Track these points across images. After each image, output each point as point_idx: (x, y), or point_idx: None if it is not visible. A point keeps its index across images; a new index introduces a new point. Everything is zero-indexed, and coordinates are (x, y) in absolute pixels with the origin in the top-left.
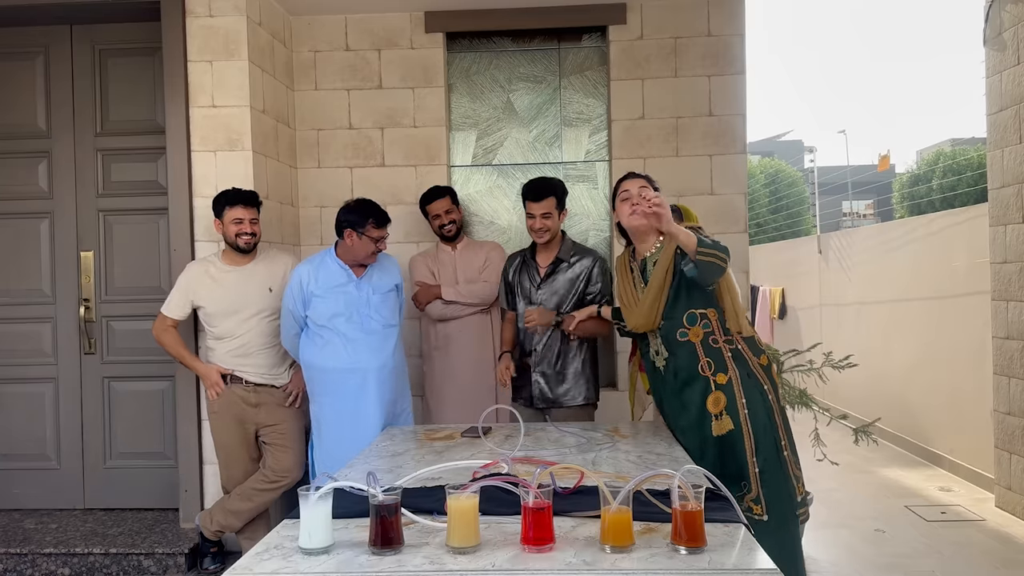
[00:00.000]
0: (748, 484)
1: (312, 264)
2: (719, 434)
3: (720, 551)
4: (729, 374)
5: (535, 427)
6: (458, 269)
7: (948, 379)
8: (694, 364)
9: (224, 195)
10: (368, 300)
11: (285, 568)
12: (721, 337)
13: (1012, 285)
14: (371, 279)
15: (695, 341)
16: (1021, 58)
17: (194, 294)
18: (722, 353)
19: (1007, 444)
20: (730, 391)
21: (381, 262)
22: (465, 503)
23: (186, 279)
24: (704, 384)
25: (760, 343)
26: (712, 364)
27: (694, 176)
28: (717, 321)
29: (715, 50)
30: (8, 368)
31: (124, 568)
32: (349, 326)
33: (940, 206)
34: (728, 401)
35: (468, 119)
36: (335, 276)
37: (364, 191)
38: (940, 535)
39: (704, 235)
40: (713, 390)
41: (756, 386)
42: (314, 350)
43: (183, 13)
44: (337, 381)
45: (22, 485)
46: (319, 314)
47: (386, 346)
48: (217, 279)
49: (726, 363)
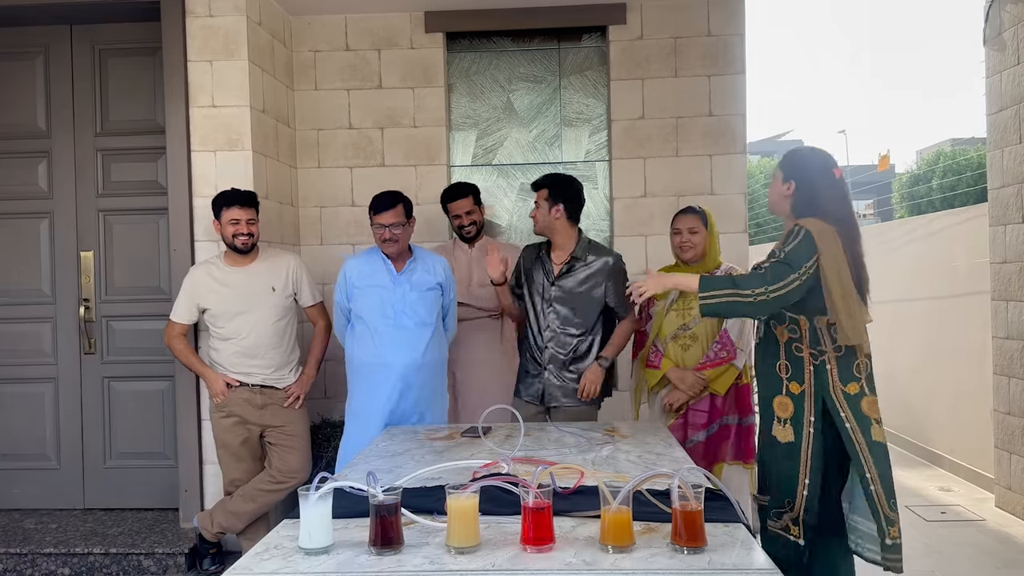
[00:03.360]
0: (792, 503)
1: (360, 258)
2: (782, 440)
3: (720, 551)
4: (804, 387)
5: (535, 427)
6: (473, 270)
7: (948, 379)
8: (775, 360)
9: (221, 196)
10: (404, 296)
11: (285, 568)
12: (807, 348)
13: (1012, 285)
14: (411, 277)
15: (780, 340)
16: (1021, 58)
17: (200, 297)
18: (803, 364)
19: (1007, 444)
20: (800, 404)
21: (426, 260)
22: (465, 503)
23: (191, 283)
24: (777, 383)
25: (861, 369)
26: (789, 368)
27: (694, 176)
28: (808, 330)
29: (715, 50)
30: (8, 368)
31: (124, 568)
32: (382, 321)
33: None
34: (795, 412)
35: (468, 119)
36: (376, 270)
37: (364, 191)
38: (940, 535)
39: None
40: (783, 393)
41: (833, 413)
42: (352, 343)
43: (183, 13)
44: (365, 375)
45: (22, 485)
46: (359, 308)
47: (417, 344)
48: (221, 281)
49: (804, 376)
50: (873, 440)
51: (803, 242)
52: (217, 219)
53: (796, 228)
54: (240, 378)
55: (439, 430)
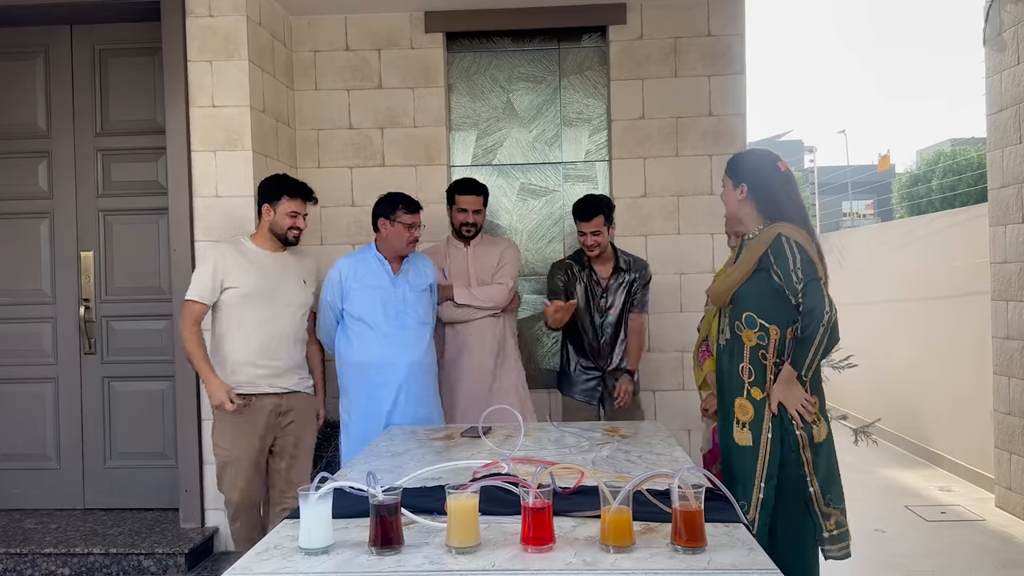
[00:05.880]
0: (747, 506)
1: (353, 258)
2: (739, 443)
3: (720, 551)
4: (765, 394)
5: (535, 427)
6: (471, 268)
7: (948, 379)
8: (738, 362)
9: (285, 183)
10: (404, 297)
11: (285, 568)
12: (772, 357)
13: (1012, 285)
14: (407, 276)
15: (747, 344)
16: (1021, 58)
17: (225, 273)
18: (766, 372)
19: (1007, 444)
20: (760, 410)
21: (416, 261)
22: (465, 503)
23: (217, 256)
24: (739, 386)
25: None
26: (752, 373)
27: (694, 176)
28: (778, 340)
29: (715, 50)
30: (8, 368)
31: (124, 568)
32: (386, 322)
33: (940, 206)
34: (755, 417)
35: (468, 119)
36: (373, 271)
37: (364, 191)
38: (940, 535)
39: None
40: (743, 396)
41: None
42: (347, 344)
43: (183, 13)
44: (369, 375)
45: (22, 485)
46: (356, 308)
47: (420, 343)
48: (252, 261)
49: (767, 383)
50: (815, 441)
51: (800, 252)
52: (269, 203)
53: (780, 241)
54: (265, 380)
55: (439, 430)
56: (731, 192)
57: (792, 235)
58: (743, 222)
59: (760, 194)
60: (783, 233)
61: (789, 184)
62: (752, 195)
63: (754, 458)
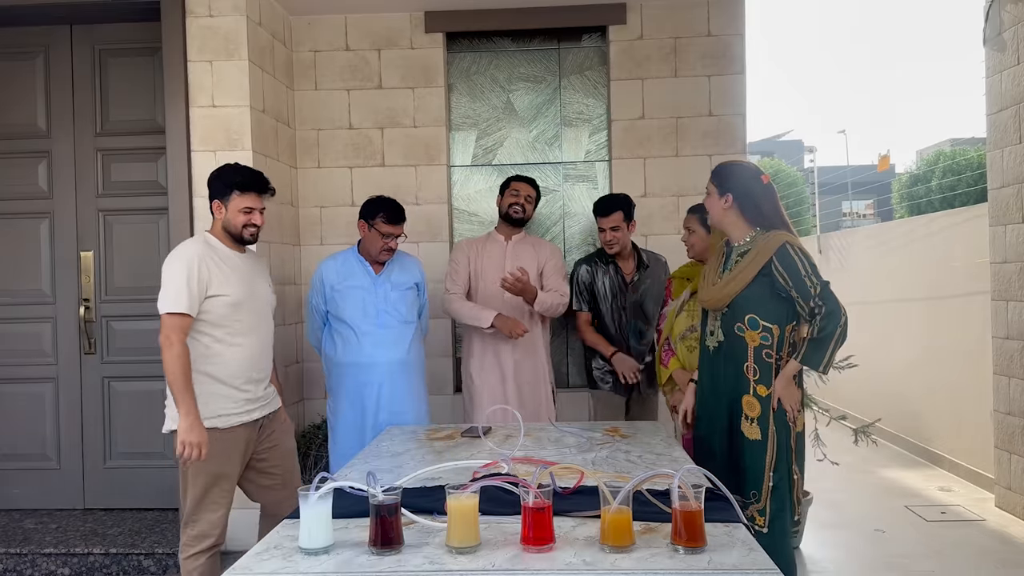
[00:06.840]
0: (758, 495)
1: (336, 260)
2: (749, 436)
3: (720, 551)
4: (771, 390)
5: (535, 427)
6: (507, 263)
7: (948, 379)
8: (742, 362)
9: (235, 174)
10: (386, 296)
11: (285, 568)
12: (776, 354)
13: (1012, 285)
14: (390, 276)
15: (749, 344)
16: (1021, 58)
17: (208, 280)
18: (771, 369)
19: (1007, 444)
20: (766, 406)
21: (402, 260)
22: (465, 503)
23: (193, 261)
24: (745, 384)
25: None
26: (758, 371)
27: (694, 176)
28: (779, 338)
29: (715, 50)
30: (8, 368)
31: (124, 568)
32: (367, 321)
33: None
34: (762, 412)
35: (468, 119)
36: (355, 272)
37: (364, 191)
38: (940, 535)
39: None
40: (750, 394)
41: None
42: (333, 345)
43: (183, 13)
44: (354, 375)
45: (22, 485)
46: (338, 309)
47: (401, 342)
48: (228, 264)
49: (772, 380)
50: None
51: (807, 258)
52: (220, 200)
53: (786, 250)
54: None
55: (439, 430)
56: (716, 200)
57: (794, 243)
58: (727, 229)
59: (746, 203)
60: (788, 242)
61: (771, 195)
62: (737, 203)
63: (763, 450)
